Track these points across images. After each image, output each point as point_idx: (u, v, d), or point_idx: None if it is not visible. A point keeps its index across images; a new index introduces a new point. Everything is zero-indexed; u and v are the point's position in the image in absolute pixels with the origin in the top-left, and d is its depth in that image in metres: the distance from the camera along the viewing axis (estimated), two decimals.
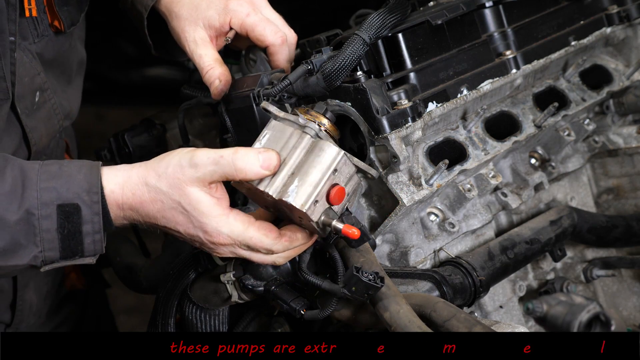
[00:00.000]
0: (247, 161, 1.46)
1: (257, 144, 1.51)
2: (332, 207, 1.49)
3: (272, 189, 1.47)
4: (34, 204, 1.47)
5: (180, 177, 1.48)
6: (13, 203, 1.46)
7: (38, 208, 1.47)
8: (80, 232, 1.49)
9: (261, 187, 1.48)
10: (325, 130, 1.54)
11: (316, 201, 1.46)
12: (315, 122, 1.53)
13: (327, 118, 1.56)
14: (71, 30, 1.89)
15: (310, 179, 1.46)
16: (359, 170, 1.54)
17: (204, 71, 1.83)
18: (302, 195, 1.45)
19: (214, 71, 1.82)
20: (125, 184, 1.51)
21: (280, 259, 1.55)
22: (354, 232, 1.48)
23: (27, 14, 1.74)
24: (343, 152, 1.49)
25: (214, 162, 1.47)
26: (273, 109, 1.53)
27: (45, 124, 1.86)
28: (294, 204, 1.45)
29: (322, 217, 1.49)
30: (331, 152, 1.47)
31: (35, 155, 1.84)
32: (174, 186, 1.48)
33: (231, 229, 1.50)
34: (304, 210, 1.46)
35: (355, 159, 1.53)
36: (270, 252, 1.53)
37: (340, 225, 1.48)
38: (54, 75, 1.88)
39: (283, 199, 1.46)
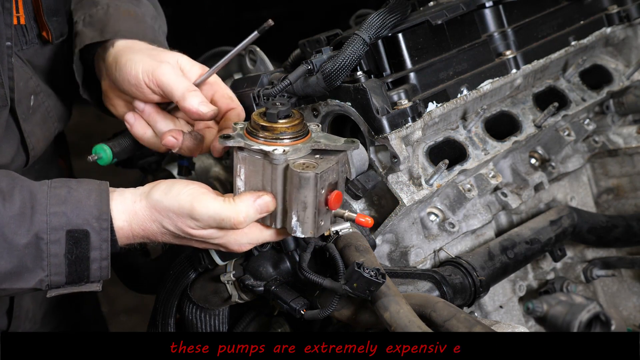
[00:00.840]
0: (248, 219, 1.48)
1: (238, 181, 1.50)
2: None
3: (278, 223, 1.51)
4: (43, 228, 1.46)
5: (183, 225, 1.50)
6: (22, 226, 1.45)
7: (47, 233, 1.46)
8: (87, 258, 1.49)
9: (266, 223, 1.52)
10: (289, 139, 1.47)
11: (321, 221, 1.49)
12: (276, 141, 1.46)
13: (282, 120, 1.47)
14: (59, 42, 1.85)
15: (307, 211, 1.46)
16: (339, 152, 1.50)
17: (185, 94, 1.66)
18: (307, 227, 1.48)
19: (197, 94, 1.66)
20: (133, 221, 1.51)
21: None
22: (367, 221, 1.51)
23: (15, 21, 1.71)
24: (318, 173, 1.43)
25: (215, 223, 1.48)
26: (231, 142, 1.48)
27: (41, 127, 1.84)
28: (303, 236, 1.49)
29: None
30: (309, 180, 1.43)
31: (33, 160, 1.83)
32: (178, 229, 1.51)
33: (250, 238, 1.53)
34: (316, 236, 1.50)
35: (331, 142, 1.48)
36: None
37: (353, 216, 1.52)
38: (44, 80, 1.86)
39: (292, 234, 1.49)
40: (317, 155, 1.48)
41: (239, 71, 2.13)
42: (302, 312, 1.57)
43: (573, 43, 1.96)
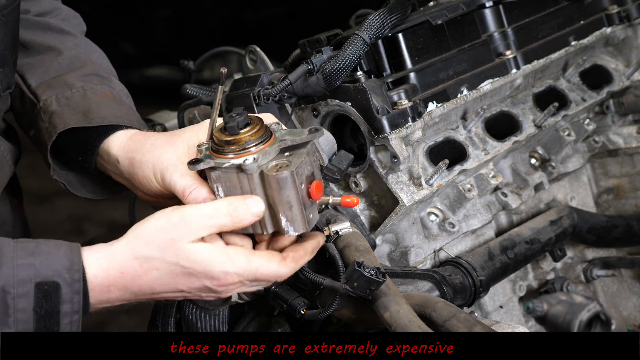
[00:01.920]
0: (244, 211, 1.42)
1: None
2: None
3: (269, 229, 1.48)
4: (10, 281, 1.36)
5: (173, 237, 1.41)
6: None
7: (14, 286, 1.37)
8: (57, 313, 1.39)
9: (257, 232, 1.49)
10: (256, 145, 1.45)
11: (309, 214, 1.47)
12: (244, 151, 1.45)
13: (244, 130, 1.46)
14: (7, 94, 1.77)
15: (293, 209, 1.45)
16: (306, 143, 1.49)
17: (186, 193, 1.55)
18: (298, 225, 1.46)
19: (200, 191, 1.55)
20: (110, 266, 1.42)
21: (286, 276, 1.52)
22: (353, 201, 1.50)
23: None
24: (293, 170, 1.41)
25: (208, 216, 1.41)
26: (202, 165, 1.46)
27: None
28: (297, 233, 1.47)
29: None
30: (287, 180, 1.42)
31: None
32: (167, 248, 1.42)
33: (236, 265, 1.44)
34: (309, 230, 1.48)
35: (296, 137, 1.46)
36: (278, 277, 1.49)
37: (338, 200, 1.51)
38: None
39: (286, 236, 1.48)
40: (287, 153, 1.47)
41: (239, 71, 2.13)
42: (302, 312, 1.57)
43: (573, 43, 1.96)
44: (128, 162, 1.64)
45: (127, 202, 2.31)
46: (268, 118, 1.55)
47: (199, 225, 1.42)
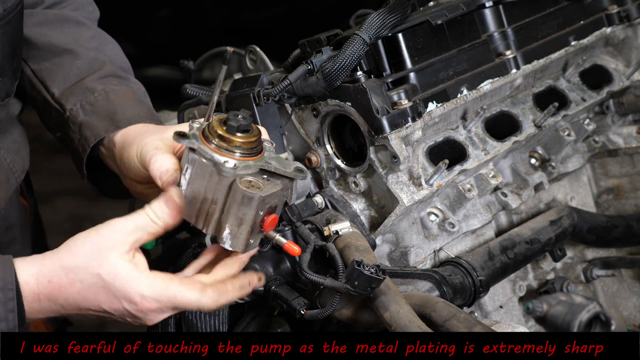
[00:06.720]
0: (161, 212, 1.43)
1: (182, 179, 1.46)
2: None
3: (209, 230, 1.46)
4: None
5: (100, 246, 1.40)
6: None
7: None
8: None
9: (199, 226, 1.47)
10: (242, 154, 1.44)
11: (252, 240, 1.46)
12: (229, 152, 1.43)
13: (240, 134, 1.44)
14: (6, 102, 1.76)
15: (241, 227, 1.44)
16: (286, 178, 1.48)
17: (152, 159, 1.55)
18: (237, 242, 1.45)
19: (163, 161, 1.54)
20: (40, 273, 1.39)
21: (209, 307, 1.47)
22: (295, 250, 1.51)
23: None
24: (262, 196, 1.41)
25: (133, 227, 1.41)
26: (185, 142, 1.44)
27: (5, 187, 1.77)
28: (231, 249, 1.46)
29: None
30: (252, 200, 1.41)
31: None
32: (92, 258, 1.40)
33: (153, 290, 1.41)
34: (242, 253, 1.47)
35: (281, 167, 1.46)
36: (199, 307, 1.45)
37: (283, 241, 1.51)
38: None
39: (220, 244, 1.46)
40: (265, 176, 1.45)
41: (239, 71, 2.13)
42: (302, 312, 1.57)
43: (573, 43, 1.96)
44: (121, 144, 1.66)
45: (127, 203, 2.31)
46: (264, 134, 1.54)
47: (124, 234, 1.41)
